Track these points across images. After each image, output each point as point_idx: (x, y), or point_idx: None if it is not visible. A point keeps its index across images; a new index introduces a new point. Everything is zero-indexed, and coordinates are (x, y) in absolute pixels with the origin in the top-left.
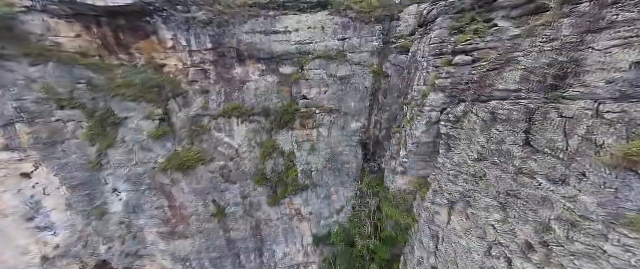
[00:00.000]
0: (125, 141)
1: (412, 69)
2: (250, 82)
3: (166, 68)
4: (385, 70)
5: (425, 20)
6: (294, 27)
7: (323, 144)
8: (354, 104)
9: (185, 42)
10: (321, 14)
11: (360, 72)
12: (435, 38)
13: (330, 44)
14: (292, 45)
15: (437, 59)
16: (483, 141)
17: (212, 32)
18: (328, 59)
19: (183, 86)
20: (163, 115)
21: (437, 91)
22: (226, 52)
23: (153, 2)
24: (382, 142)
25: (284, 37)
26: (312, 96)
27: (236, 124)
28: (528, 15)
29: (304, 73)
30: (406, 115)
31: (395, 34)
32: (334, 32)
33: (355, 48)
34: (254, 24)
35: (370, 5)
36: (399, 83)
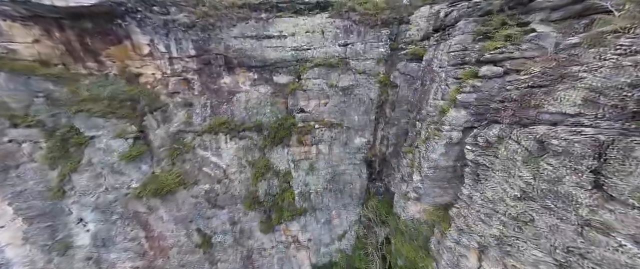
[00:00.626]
0: (92, 163)
1: (426, 79)
2: (240, 93)
3: (142, 78)
4: (393, 79)
5: (443, 23)
6: (290, 31)
7: (323, 163)
8: (357, 118)
9: (164, 48)
10: (320, 16)
11: (364, 82)
12: (456, 45)
13: (331, 50)
14: (288, 51)
15: (458, 69)
16: (528, 176)
17: (195, 37)
18: (328, 67)
19: (162, 98)
20: (138, 132)
21: (458, 107)
22: (212, 60)
23: (124, 2)
24: (390, 160)
25: (278, 42)
26: (311, 109)
27: (224, 140)
28: (572, 18)
29: (301, 83)
30: (420, 133)
31: (405, 38)
32: (335, 36)
33: (359, 55)
34: (244, 27)
35: (375, 6)
36: (409, 94)
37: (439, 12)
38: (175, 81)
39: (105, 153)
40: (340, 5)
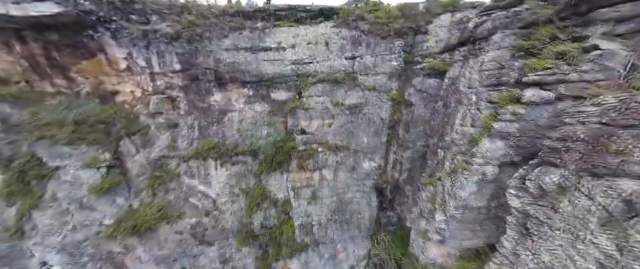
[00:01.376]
0: (56, 198)
1: (450, 100)
2: (232, 113)
3: (119, 96)
4: (408, 97)
5: (472, 36)
6: (289, 42)
7: (327, 190)
8: (366, 140)
9: (144, 62)
10: (324, 25)
11: (374, 100)
12: (491, 62)
13: (336, 63)
14: (287, 65)
15: (493, 91)
16: (608, 246)
17: (180, 49)
18: (333, 83)
19: (142, 119)
20: (112, 160)
21: (494, 137)
22: (200, 75)
23: (94, 10)
24: (403, 187)
25: (276, 54)
26: (313, 130)
27: (214, 167)
28: None
29: (302, 101)
30: (442, 163)
31: (421, 51)
32: (341, 48)
33: (369, 69)
34: (237, 38)
35: (387, 14)
36: (426, 114)
37: (465, 22)
38: (158, 100)
39: (73, 186)
40: (347, 13)
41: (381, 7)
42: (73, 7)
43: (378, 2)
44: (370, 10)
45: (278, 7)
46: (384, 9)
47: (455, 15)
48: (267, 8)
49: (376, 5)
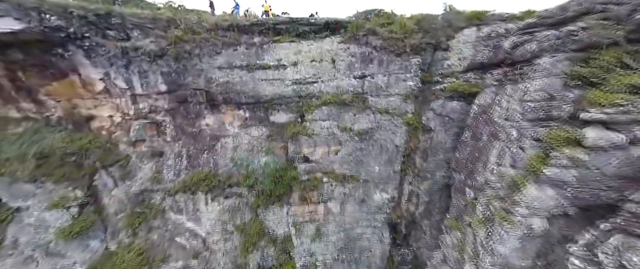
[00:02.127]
0: (18, 244)
1: (481, 132)
2: (226, 138)
3: (95, 121)
4: (426, 121)
5: (509, 57)
6: (291, 59)
7: (333, 226)
8: (378, 168)
9: (124, 83)
10: (330, 41)
11: (387, 124)
12: (537, 92)
13: (344, 83)
14: (288, 85)
15: (540, 127)
16: None
17: (166, 68)
18: (340, 106)
19: (122, 147)
20: (85, 197)
21: (542, 184)
22: (189, 96)
23: (62, 27)
24: (420, 222)
25: (276, 73)
26: (318, 157)
27: (204, 201)
28: None
29: (305, 125)
30: (473, 206)
31: (442, 69)
32: (349, 66)
33: (381, 89)
34: (231, 55)
35: (403, 28)
36: (446, 141)
37: (493, 37)
38: (141, 125)
39: (37, 230)
40: (357, 27)
41: (395, 20)
42: (37, 23)
43: (392, 14)
44: (383, 23)
45: (278, 21)
46: (398, 22)
47: (481, 29)
48: (266, 21)
49: (389, 18)
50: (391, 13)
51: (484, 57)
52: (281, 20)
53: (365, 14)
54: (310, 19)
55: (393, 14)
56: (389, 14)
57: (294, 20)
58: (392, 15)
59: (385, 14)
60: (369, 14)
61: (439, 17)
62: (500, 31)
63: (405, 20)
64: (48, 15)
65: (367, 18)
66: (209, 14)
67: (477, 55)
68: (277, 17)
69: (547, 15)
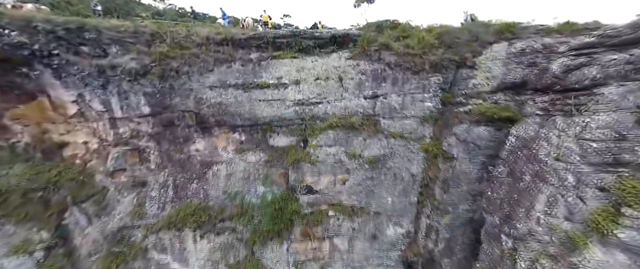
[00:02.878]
0: None
1: (521, 169)
2: (218, 165)
3: (68, 149)
4: (447, 148)
5: (559, 82)
6: (292, 77)
7: (340, 265)
8: (391, 200)
9: (101, 105)
10: (337, 56)
11: (402, 150)
12: (601, 129)
13: (353, 104)
14: (289, 107)
15: (607, 173)
16: None
17: (150, 88)
18: (348, 129)
19: (98, 178)
20: (52, 239)
21: (612, 247)
22: (177, 119)
23: (26, 44)
24: (440, 260)
25: (276, 93)
26: (323, 187)
27: (192, 238)
28: None
29: (308, 151)
30: (512, 258)
31: (466, 89)
32: (359, 85)
33: (395, 111)
34: (225, 73)
35: (421, 42)
36: (471, 171)
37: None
38: (121, 152)
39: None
40: (368, 42)
41: (412, 34)
42: None
43: (408, 26)
44: (398, 37)
45: (278, 34)
46: (416, 36)
47: (513, 44)
48: (264, 35)
49: (405, 30)
50: (407, 25)
51: (517, 77)
52: (282, 34)
53: (377, 25)
54: (315, 32)
55: (409, 26)
56: (405, 26)
57: (295, 33)
58: (409, 28)
59: (401, 26)
60: (382, 26)
61: (463, 31)
62: (536, 46)
63: (424, 34)
64: (7, 30)
65: (380, 31)
66: (199, 27)
67: (508, 74)
68: (277, 31)
69: (613, 33)
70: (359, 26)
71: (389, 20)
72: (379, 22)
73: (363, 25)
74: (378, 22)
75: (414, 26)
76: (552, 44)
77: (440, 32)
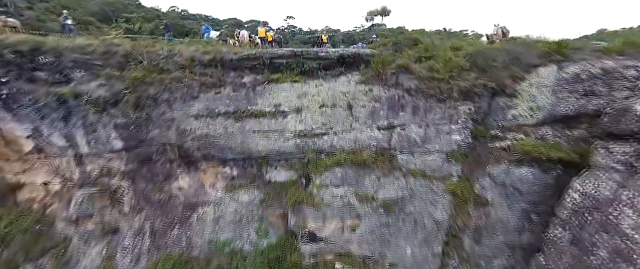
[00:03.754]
0: None
1: (592, 240)
2: (205, 206)
3: (24, 191)
4: (480, 191)
5: None
6: (293, 104)
7: None
8: (410, 251)
9: (64, 139)
10: (346, 80)
11: (424, 192)
12: None
13: (364, 136)
14: (289, 139)
15: None
16: None
17: (123, 119)
18: (359, 166)
19: (59, 227)
20: None
21: None
22: (156, 154)
23: None
24: None
25: (273, 123)
26: (328, 235)
27: None
28: None
29: (311, 192)
30: None
31: (504, 121)
32: (372, 114)
33: (415, 145)
34: (213, 100)
35: (448, 64)
36: (509, 219)
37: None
38: (86, 194)
39: None
40: (383, 63)
41: (437, 53)
42: None
43: (431, 44)
44: (420, 57)
45: (275, 54)
46: (441, 57)
47: (565, 68)
48: (259, 55)
49: (428, 49)
50: (430, 43)
51: (570, 108)
52: (280, 54)
53: (394, 43)
54: (320, 51)
55: (433, 45)
56: (427, 44)
57: (297, 53)
58: (432, 46)
59: (423, 44)
60: (399, 44)
61: (500, 51)
62: (594, 72)
63: (451, 54)
64: None
65: (397, 49)
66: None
67: (558, 104)
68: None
69: None
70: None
71: (403, 32)
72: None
73: (377, 41)
74: (394, 39)
75: (438, 44)
76: (615, 69)
77: (472, 52)
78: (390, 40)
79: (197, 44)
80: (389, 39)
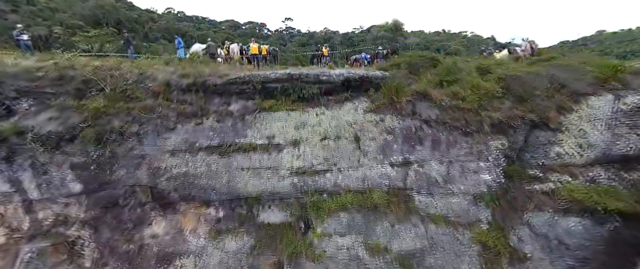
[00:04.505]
0: None
1: None
2: (183, 258)
3: None
4: (517, 243)
5: None
6: (289, 136)
7: None
8: None
9: (8, 184)
10: (353, 107)
11: (447, 242)
12: None
13: (375, 173)
14: (284, 177)
15: None
16: None
17: (81, 158)
18: (369, 210)
19: None
20: None
21: None
22: (123, 197)
23: None
24: None
25: (266, 159)
26: None
27: None
28: None
29: (311, 241)
30: None
31: (544, 159)
32: (384, 147)
33: (436, 185)
34: (193, 131)
35: (477, 89)
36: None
37: None
38: (37, 249)
39: None
40: (397, 89)
41: (463, 76)
42: None
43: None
44: (441, 81)
45: (268, 77)
46: (468, 81)
47: (623, 98)
48: (249, 79)
49: (452, 71)
50: (453, 64)
51: (631, 147)
52: (275, 77)
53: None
54: (321, 74)
55: (456, 66)
56: (451, 65)
57: (294, 76)
58: (456, 68)
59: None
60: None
61: (541, 77)
62: None
63: (480, 78)
64: None
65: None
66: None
67: (615, 141)
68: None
69: None
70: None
71: (402, 33)
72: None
73: (383, 53)
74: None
75: (464, 66)
76: None
77: (506, 76)
78: (403, 60)
79: (180, 64)
80: (403, 58)
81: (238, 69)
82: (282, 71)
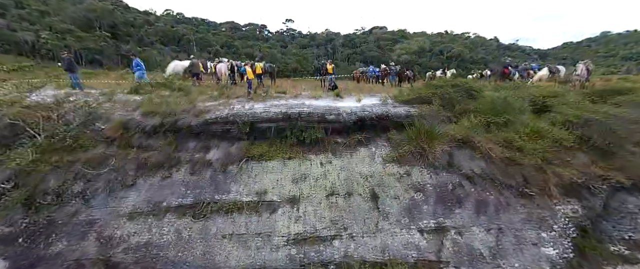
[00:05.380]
0: None
1: None
2: None
3: None
4: None
5: None
6: (285, 191)
7: None
8: None
9: None
10: (368, 154)
11: None
12: None
13: (398, 242)
14: (279, 246)
15: None
16: None
17: (5, 230)
18: None
19: None
20: None
21: None
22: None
23: None
24: None
25: (255, 222)
26: None
27: None
28: None
29: None
30: None
31: (632, 231)
32: (410, 209)
33: (480, 258)
34: (159, 188)
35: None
36: None
37: None
38: None
39: None
40: (429, 134)
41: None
42: None
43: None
44: (488, 123)
45: (258, 116)
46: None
47: None
48: (233, 118)
49: (498, 109)
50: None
51: None
52: (267, 117)
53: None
54: (327, 113)
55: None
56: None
57: (292, 115)
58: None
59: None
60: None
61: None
62: None
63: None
64: None
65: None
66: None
67: None
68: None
69: None
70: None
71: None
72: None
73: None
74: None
75: (515, 102)
76: None
77: (580, 119)
78: (435, 90)
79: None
80: (430, 89)
81: (223, 101)
82: (276, 109)
